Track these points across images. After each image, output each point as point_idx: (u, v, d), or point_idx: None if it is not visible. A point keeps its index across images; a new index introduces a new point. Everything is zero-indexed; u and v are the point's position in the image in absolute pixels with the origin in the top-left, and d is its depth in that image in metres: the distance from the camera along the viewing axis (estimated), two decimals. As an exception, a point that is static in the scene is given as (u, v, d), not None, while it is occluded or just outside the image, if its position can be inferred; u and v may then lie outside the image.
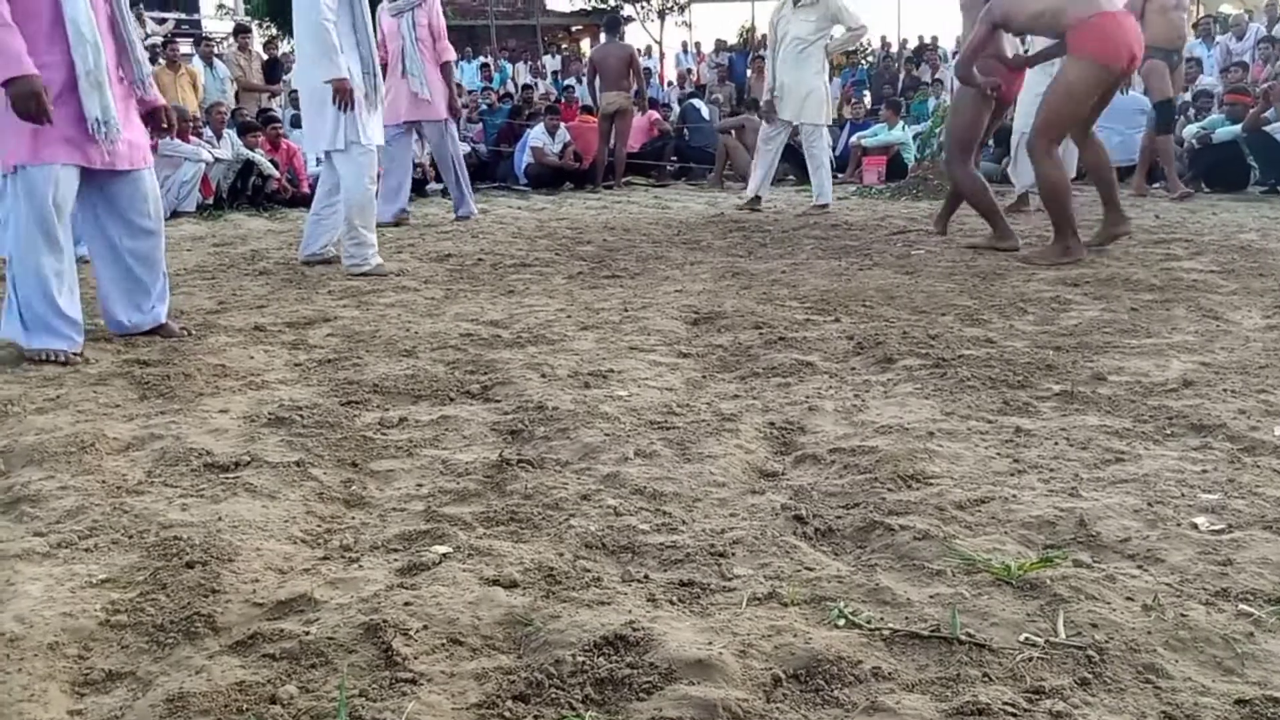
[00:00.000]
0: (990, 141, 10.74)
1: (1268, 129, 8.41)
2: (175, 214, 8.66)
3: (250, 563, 1.69)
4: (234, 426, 2.49)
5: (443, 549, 1.72)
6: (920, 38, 20.07)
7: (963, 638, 1.40)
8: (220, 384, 2.92)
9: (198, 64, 11.34)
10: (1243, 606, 1.49)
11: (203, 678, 1.34)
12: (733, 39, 23.15)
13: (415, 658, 1.37)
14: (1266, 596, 1.52)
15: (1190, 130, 9.14)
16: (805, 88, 7.57)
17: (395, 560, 1.70)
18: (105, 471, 2.16)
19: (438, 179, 10.90)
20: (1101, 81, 4.77)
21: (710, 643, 1.38)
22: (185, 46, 12.41)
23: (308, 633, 1.43)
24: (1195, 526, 1.77)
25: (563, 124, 11.50)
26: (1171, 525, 1.77)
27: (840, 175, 11.44)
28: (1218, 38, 12.91)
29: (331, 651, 1.39)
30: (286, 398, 2.72)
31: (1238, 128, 8.52)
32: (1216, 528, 1.77)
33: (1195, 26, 13.82)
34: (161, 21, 14.76)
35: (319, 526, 1.89)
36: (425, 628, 1.44)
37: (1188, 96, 10.20)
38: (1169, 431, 2.30)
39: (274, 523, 1.87)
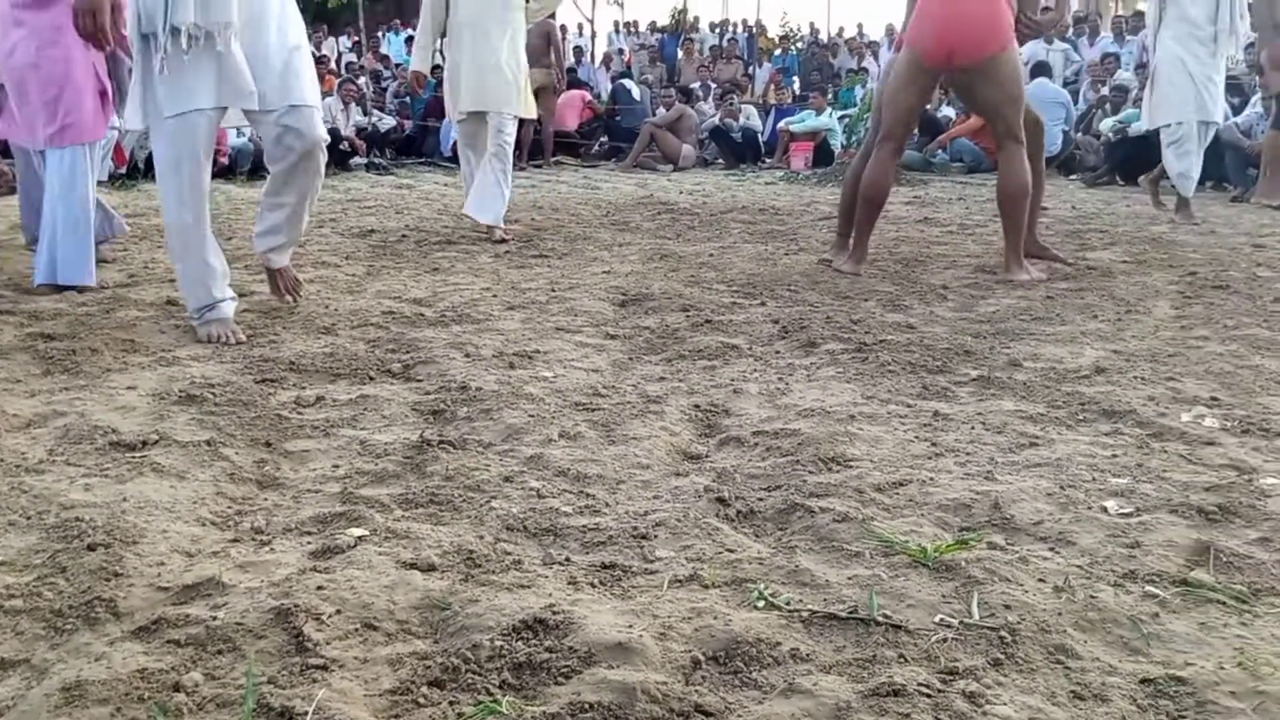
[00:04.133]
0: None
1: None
2: (85, 183, 8.36)
3: (156, 545, 1.63)
4: (142, 404, 2.40)
5: (359, 531, 1.68)
6: (841, 28, 20.27)
7: (879, 619, 1.41)
8: (129, 360, 2.82)
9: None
10: (1149, 588, 1.53)
11: (102, 665, 1.29)
12: (664, 19, 23.10)
13: (327, 643, 1.33)
14: (1172, 578, 1.56)
15: (1107, 124, 9.39)
16: (490, 65, 5.26)
17: (309, 543, 1.65)
18: (4, 450, 2.07)
19: (367, 151, 10.70)
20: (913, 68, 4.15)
21: (630, 625, 1.37)
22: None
23: (215, 618, 1.39)
24: (1105, 509, 1.81)
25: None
26: (1083, 508, 1.81)
27: (768, 160, 11.51)
28: (1130, 36, 13.26)
29: (239, 637, 1.35)
30: (198, 374, 2.64)
31: (1151, 122, 8.76)
32: (1125, 511, 1.81)
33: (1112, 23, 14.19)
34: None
35: (229, 508, 1.83)
36: (338, 612, 1.40)
37: (1105, 91, 10.47)
38: (1081, 417, 2.35)
39: (182, 504, 1.81)
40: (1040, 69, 10.58)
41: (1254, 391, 2.56)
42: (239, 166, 9.26)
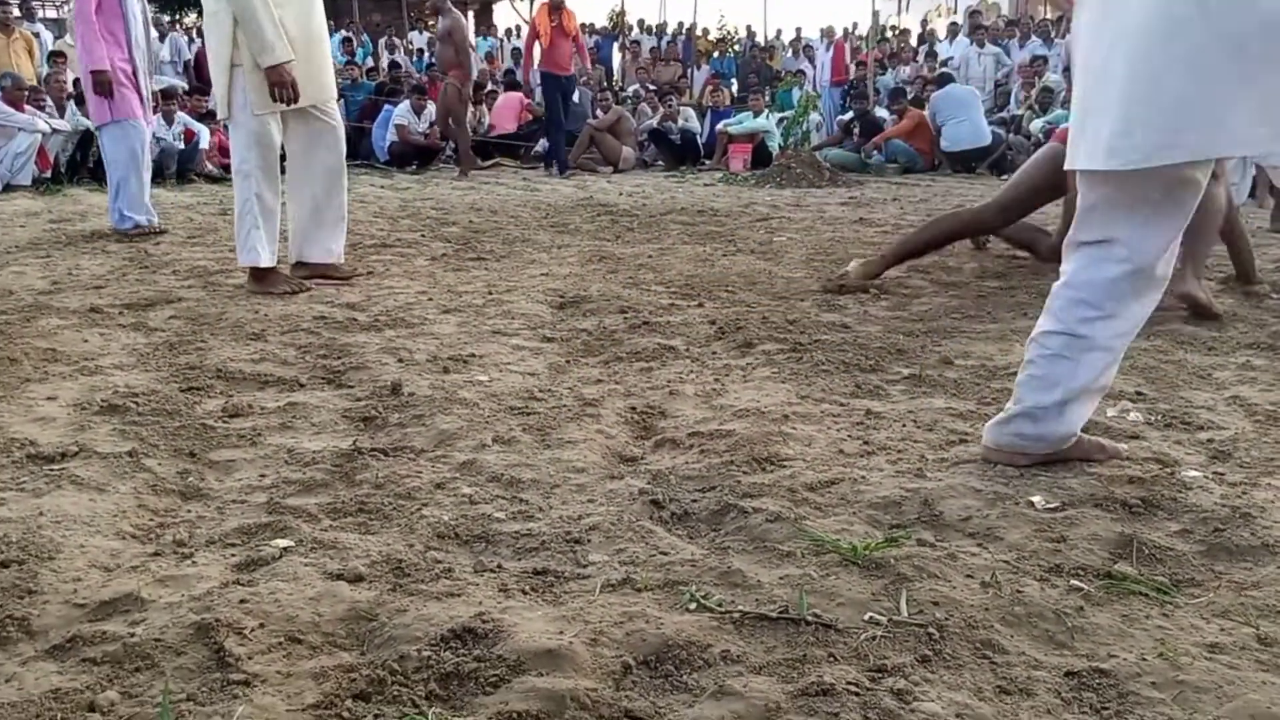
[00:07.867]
0: (855, 128, 11.01)
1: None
2: (8, 187, 8.12)
3: (73, 560, 1.58)
4: (62, 415, 2.33)
5: (284, 543, 1.64)
6: (779, 30, 20.31)
7: (809, 618, 1.41)
8: (50, 369, 2.73)
9: (39, 28, 10.62)
10: (1074, 582, 1.56)
11: (13, 686, 1.24)
12: (602, 21, 23.07)
13: (249, 658, 1.30)
14: (1096, 571, 1.59)
15: (1037, 124, 9.57)
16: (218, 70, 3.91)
17: (232, 555, 1.62)
18: (-88, 465, 1.99)
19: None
20: None
21: (561, 632, 1.36)
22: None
23: (133, 634, 1.35)
24: (1032, 505, 1.84)
25: (430, 102, 11.23)
26: (1010, 504, 1.84)
27: (707, 162, 11.55)
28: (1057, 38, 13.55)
29: (158, 654, 1.31)
30: (122, 384, 2.57)
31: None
32: (1051, 506, 1.84)
33: (1039, 27, 14.48)
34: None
35: (150, 520, 1.78)
36: (261, 626, 1.37)
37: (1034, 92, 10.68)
38: (1010, 413, 2.38)
39: (101, 517, 1.75)
40: (943, 79, 10.79)
41: (1177, 385, 2.63)
42: (165, 170, 9.01)
